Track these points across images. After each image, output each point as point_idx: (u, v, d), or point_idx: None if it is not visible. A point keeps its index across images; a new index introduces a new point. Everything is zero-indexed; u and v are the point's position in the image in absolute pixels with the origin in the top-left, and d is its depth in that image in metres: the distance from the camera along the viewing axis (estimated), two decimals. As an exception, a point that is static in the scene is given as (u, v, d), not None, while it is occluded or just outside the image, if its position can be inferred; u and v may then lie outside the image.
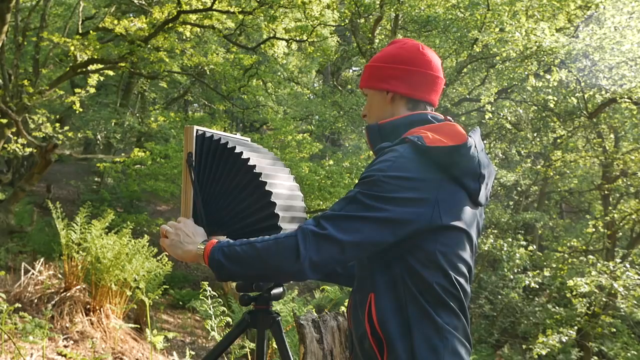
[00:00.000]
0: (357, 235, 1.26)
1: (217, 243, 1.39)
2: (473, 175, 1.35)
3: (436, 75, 1.50)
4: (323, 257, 1.26)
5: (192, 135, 1.58)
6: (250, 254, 1.32)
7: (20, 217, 9.67)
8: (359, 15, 10.27)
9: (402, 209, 1.27)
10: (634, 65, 7.71)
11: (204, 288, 3.81)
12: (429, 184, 1.29)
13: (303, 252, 1.24)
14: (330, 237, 1.25)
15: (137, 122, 12.98)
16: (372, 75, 1.53)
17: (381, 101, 1.51)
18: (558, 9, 8.14)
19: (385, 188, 1.27)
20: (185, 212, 1.59)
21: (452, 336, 1.32)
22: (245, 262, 1.33)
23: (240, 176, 1.55)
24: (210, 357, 1.66)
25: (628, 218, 9.96)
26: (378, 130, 1.47)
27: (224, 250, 1.35)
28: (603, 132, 10.55)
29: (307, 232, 1.26)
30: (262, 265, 1.32)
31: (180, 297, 9.29)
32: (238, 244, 1.35)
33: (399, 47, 1.52)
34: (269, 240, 1.32)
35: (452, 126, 1.38)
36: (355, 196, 1.29)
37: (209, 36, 12.25)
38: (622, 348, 9.00)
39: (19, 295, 4.74)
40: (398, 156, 1.30)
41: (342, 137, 18.40)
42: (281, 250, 1.28)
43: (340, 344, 2.54)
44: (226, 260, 1.35)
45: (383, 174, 1.28)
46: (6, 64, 8.88)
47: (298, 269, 1.26)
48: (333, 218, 1.28)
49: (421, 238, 1.30)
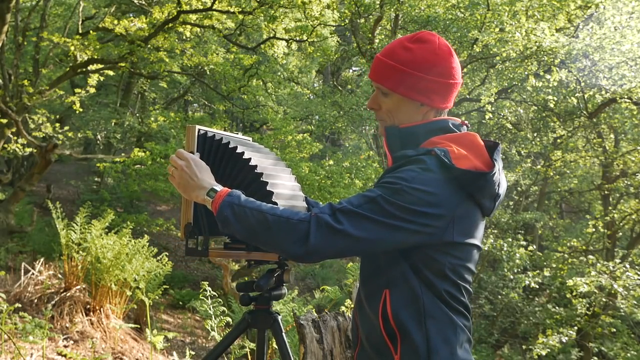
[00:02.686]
0: (370, 234, 1.28)
1: (227, 196, 1.38)
2: (491, 196, 1.39)
3: (459, 82, 1.50)
4: (329, 249, 1.28)
5: (194, 134, 1.58)
6: (259, 222, 1.32)
7: (20, 217, 9.67)
8: (359, 15, 10.27)
9: (419, 222, 1.28)
10: (634, 65, 7.72)
11: (204, 288, 3.81)
12: (450, 202, 1.31)
13: (312, 240, 1.26)
14: (344, 232, 1.26)
15: (137, 122, 12.98)
16: (405, 81, 1.43)
17: (412, 110, 1.46)
18: (558, 9, 8.14)
19: (406, 198, 1.28)
20: (186, 212, 1.59)
21: (463, 332, 1.38)
22: (251, 228, 1.34)
23: (242, 176, 1.55)
24: (210, 357, 1.66)
25: (628, 218, 9.97)
26: (399, 134, 1.46)
27: (234, 208, 1.35)
28: (603, 132, 10.55)
29: (321, 222, 1.27)
30: (267, 237, 1.33)
31: (180, 297, 9.29)
32: (250, 206, 1.34)
33: (434, 53, 1.43)
34: (281, 216, 1.31)
35: (473, 137, 1.40)
36: (376, 198, 1.29)
37: (209, 36, 12.25)
38: (622, 348, 9.00)
39: (19, 295, 4.74)
40: (424, 169, 1.30)
41: (342, 137, 18.42)
42: (290, 231, 1.28)
43: (340, 344, 2.54)
44: (234, 218, 1.35)
45: (407, 184, 1.28)
46: (6, 64, 8.88)
47: (299, 253, 1.28)
48: (351, 213, 1.28)
49: (433, 250, 1.33)
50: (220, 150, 1.58)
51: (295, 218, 1.30)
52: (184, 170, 1.49)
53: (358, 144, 15.61)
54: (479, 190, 1.35)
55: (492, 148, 1.42)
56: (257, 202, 1.37)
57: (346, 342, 2.57)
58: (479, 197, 1.36)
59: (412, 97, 1.44)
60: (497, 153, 1.41)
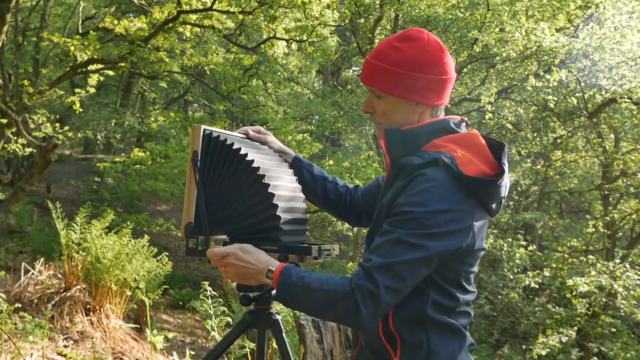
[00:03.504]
0: (410, 278, 1.28)
1: (280, 275, 1.37)
2: (498, 200, 1.40)
3: (452, 77, 1.47)
4: (383, 309, 1.28)
5: (199, 134, 1.57)
6: (311, 300, 1.33)
7: (20, 217, 9.67)
8: (359, 15, 10.27)
9: (448, 241, 1.28)
10: (634, 65, 7.72)
11: (204, 288, 3.81)
12: (467, 211, 1.31)
13: (364, 312, 1.26)
14: (387, 289, 1.26)
15: (137, 122, 12.98)
16: (398, 82, 1.40)
17: (408, 110, 1.44)
18: (558, 9, 8.14)
19: (429, 224, 1.26)
20: (187, 211, 1.58)
21: (464, 336, 1.39)
22: (307, 308, 1.37)
23: (244, 176, 1.54)
24: (210, 357, 1.66)
25: (628, 218, 9.97)
26: (400, 137, 1.43)
27: (289, 289, 1.35)
28: (603, 132, 10.56)
29: (364, 292, 1.26)
30: (323, 315, 1.39)
31: (180, 297, 9.29)
32: (300, 284, 1.33)
33: (424, 50, 1.41)
34: (327, 291, 1.30)
35: (475, 137, 1.39)
36: (399, 238, 1.27)
37: (209, 36, 12.25)
38: (622, 348, 9.00)
39: (19, 295, 4.74)
40: (436, 185, 1.29)
41: (342, 137, 18.41)
42: (342, 307, 1.28)
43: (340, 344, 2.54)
44: (291, 300, 1.36)
45: (425, 209, 1.26)
46: (6, 64, 8.88)
47: (358, 327, 1.33)
48: (383, 268, 1.26)
49: (452, 260, 1.33)
50: (224, 151, 1.58)
51: (339, 290, 1.29)
52: (235, 265, 1.44)
53: (358, 144, 15.60)
54: (489, 196, 1.35)
55: (496, 147, 1.41)
56: (307, 276, 1.35)
57: (346, 342, 2.57)
58: (487, 202, 1.36)
59: (407, 98, 1.42)
60: (504, 156, 1.40)
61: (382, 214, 1.39)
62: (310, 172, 1.78)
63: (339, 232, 13.88)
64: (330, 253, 1.62)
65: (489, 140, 1.43)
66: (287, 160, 1.79)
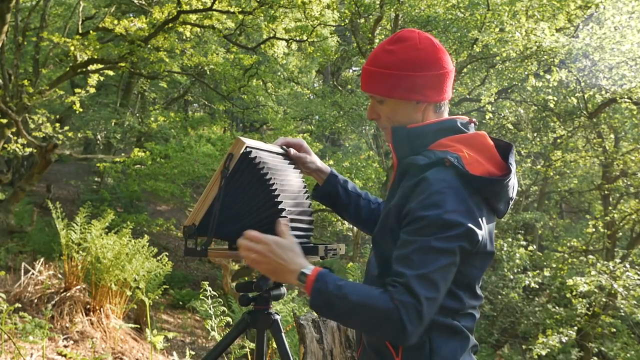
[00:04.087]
0: (444, 284, 1.27)
1: (315, 282, 1.32)
2: (505, 201, 1.40)
3: (451, 70, 1.47)
4: (426, 322, 1.26)
5: (238, 152, 1.54)
6: (350, 313, 1.29)
7: (20, 217, 9.67)
8: (359, 15, 10.27)
9: (470, 237, 1.28)
10: (634, 65, 7.72)
11: (204, 288, 3.81)
12: (478, 209, 1.32)
13: (409, 327, 1.23)
14: (428, 300, 1.24)
15: (137, 122, 12.98)
16: (396, 84, 1.41)
17: (410, 110, 1.44)
18: (558, 9, 8.14)
19: (448, 225, 1.26)
20: (196, 213, 1.57)
21: (468, 338, 1.38)
22: (345, 320, 1.34)
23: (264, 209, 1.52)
24: (210, 357, 1.66)
25: (628, 218, 9.97)
26: (407, 135, 1.43)
27: (324, 297, 1.30)
28: (603, 132, 10.56)
29: (408, 307, 1.23)
30: (363, 328, 1.34)
31: (180, 297, 9.30)
32: (337, 293, 1.29)
33: (416, 48, 1.41)
34: (368, 306, 1.26)
35: (482, 138, 1.39)
36: (425, 246, 1.26)
37: (209, 36, 12.25)
38: (622, 348, 8.99)
39: (19, 295, 4.74)
40: (446, 186, 1.28)
41: (342, 137, 18.42)
42: (386, 324, 1.25)
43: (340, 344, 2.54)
44: (326, 308, 1.32)
45: (441, 210, 1.26)
46: (6, 64, 8.88)
47: (405, 340, 1.26)
48: (420, 279, 1.24)
49: (463, 262, 1.32)
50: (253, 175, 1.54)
51: (383, 308, 1.25)
52: (269, 256, 1.37)
53: (358, 144, 15.61)
54: (495, 196, 1.35)
55: (504, 148, 1.41)
56: (344, 286, 1.30)
57: (346, 342, 2.57)
58: (494, 202, 1.36)
59: (407, 98, 1.42)
60: (511, 156, 1.40)
61: (391, 214, 1.37)
62: (345, 187, 1.77)
63: (339, 232, 13.89)
64: (336, 252, 1.63)
65: (496, 141, 1.43)
66: (323, 177, 1.75)
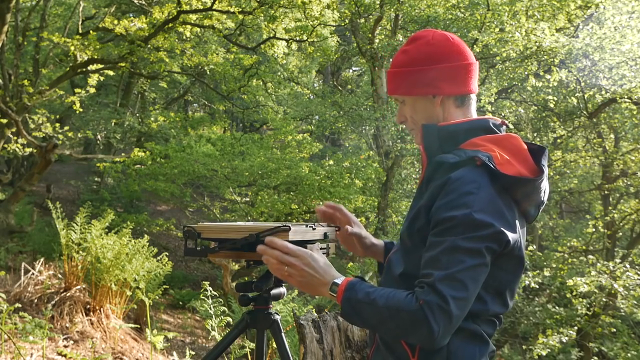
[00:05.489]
0: (473, 285, 1.24)
1: (345, 291, 1.32)
2: (536, 204, 1.37)
3: (473, 62, 1.45)
4: (455, 323, 1.23)
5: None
6: (377, 318, 1.28)
7: (20, 217, 9.67)
8: (359, 15, 10.27)
9: (500, 240, 1.26)
10: (634, 65, 7.71)
11: (204, 288, 3.81)
12: (509, 211, 1.29)
13: (436, 328, 1.20)
14: (455, 300, 1.21)
15: (137, 122, 12.98)
16: (410, 81, 1.43)
17: (428, 105, 1.43)
18: (558, 9, 8.14)
19: (478, 225, 1.23)
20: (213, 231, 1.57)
21: (485, 341, 1.35)
22: (373, 326, 1.32)
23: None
24: (210, 357, 1.66)
25: (628, 218, 9.96)
26: (437, 133, 1.41)
27: (354, 305, 1.30)
28: (603, 132, 10.55)
29: (433, 307, 1.20)
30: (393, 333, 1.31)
31: (180, 297, 9.29)
32: (366, 300, 1.28)
33: (428, 44, 1.43)
34: (394, 309, 1.25)
35: (516, 141, 1.37)
36: (453, 246, 1.23)
37: (209, 36, 12.25)
38: (622, 348, 8.98)
39: (19, 295, 4.74)
40: (477, 187, 1.26)
41: (342, 137, 18.41)
42: (412, 326, 1.23)
43: (340, 344, 2.54)
44: (357, 316, 1.31)
45: (469, 210, 1.24)
46: (6, 64, 8.88)
47: (432, 342, 1.22)
48: (447, 279, 1.22)
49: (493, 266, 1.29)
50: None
51: (407, 309, 1.23)
52: (302, 270, 1.37)
53: (358, 144, 15.60)
54: (526, 197, 1.33)
55: (536, 152, 1.39)
56: (373, 292, 1.29)
57: (346, 342, 2.57)
58: (525, 204, 1.34)
59: (422, 93, 1.42)
60: (544, 159, 1.37)
61: (421, 215, 1.34)
62: None
63: (339, 232, 13.84)
64: (327, 252, 1.62)
65: (529, 145, 1.41)
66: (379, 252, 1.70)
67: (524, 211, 1.36)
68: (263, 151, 10.33)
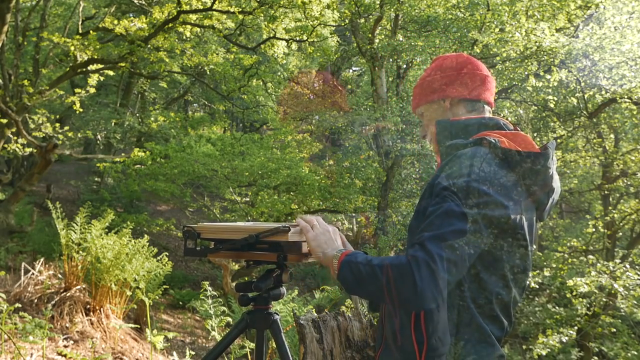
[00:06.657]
0: (463, 249, 1.24)
1: (347, 256, 1.36)
2: (544, 187, 1.38)
3: (485, 75, 1.51)
4: (439, 283, 1.21)
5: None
6: (371, 278, 1.29)
7: (20, 217, 9.67)
8: (359, 15, 10.26)
9: (497, 210, 1.27)
10: (634, 65, 7.71)
11: (204, 288, 3.81)
12: (514, 189, 1.31)
13: (419, 283, 1.19)
14: (441, 258, 1.21)
15: (137, 122, 12.98)
16: (423, 92, 1.55)
17: (439, 110, 1.52)
18: (558, 9, 8.14)
19: (474, 192, 1.26)
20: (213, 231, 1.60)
21: (492, 343, 1.37)
22: (367, 289, 1.32)
23: None
24: (210, 357, 1.66)
25: (628, 218, 9.96)
26: (450, 126, 1.46)
27: (351, 267, 1.33)
28: (603, 132, 10.55)
29: (419, 261, 1.21)
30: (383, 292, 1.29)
31: (180, 297, 9.29)
32: (364, 262, 1.32)
33: (442, 59, 1.57)
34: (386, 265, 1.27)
35: (525, 137, 1.40)
36: (448, 209, 1.25)
37: (209, 36, 12.25)
38: (622, 348, 8.99)
39: (19, 295, 4.74)
40: (480, 160, 1.29)
41: (342, 137, 18.41)
42: (399, 281, 1.23)
43: (340, 344, 2.54)
44: (351, 275, 1.33)
45: (468, 179, 1.26)
46: (6, 64, 8.88)
47: (417, 299, 1.21)
48: (436, 238, 1.23)
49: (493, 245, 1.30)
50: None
51: (396, 263, 1.25)
52: (324, 234, 1.48)
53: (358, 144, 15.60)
54: (533, 175, 1.33)
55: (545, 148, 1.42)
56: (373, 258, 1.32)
57: (346, 342, 2.57)
58: (531, 183, 1.34)
59: (431, 99, 1.53)
60: (551, 144, 1.41)
61: (426, 192, 1.38)
62: None
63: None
64: None
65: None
66: None
67: (533, 194, 1.36)
68: (263, 151, 10.33)
